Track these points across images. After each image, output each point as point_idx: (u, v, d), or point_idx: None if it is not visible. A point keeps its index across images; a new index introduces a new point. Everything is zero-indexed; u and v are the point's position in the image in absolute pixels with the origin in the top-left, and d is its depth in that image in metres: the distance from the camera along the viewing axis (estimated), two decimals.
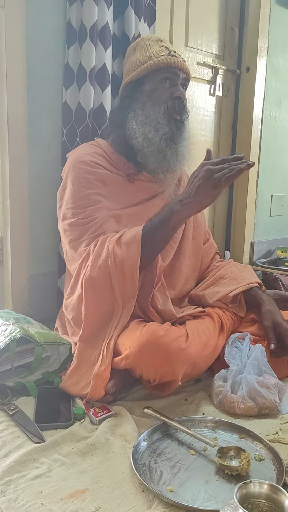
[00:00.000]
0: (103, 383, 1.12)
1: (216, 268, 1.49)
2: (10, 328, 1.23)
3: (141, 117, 1.30)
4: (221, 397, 1.15)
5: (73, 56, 1.56)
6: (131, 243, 1.16)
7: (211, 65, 2.22)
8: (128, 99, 1.35)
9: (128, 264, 1.15)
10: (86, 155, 1.33)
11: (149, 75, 1.32)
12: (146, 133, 1.29)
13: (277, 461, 0.92)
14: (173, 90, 1.32)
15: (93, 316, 1.19)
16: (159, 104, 1.30)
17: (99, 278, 1.17)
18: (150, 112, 1.30)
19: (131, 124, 1.31)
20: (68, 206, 1.29)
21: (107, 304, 1.18)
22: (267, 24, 2.35)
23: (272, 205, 2.65)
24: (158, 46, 1.34)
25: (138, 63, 1.34)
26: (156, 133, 1.29)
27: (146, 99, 1.32)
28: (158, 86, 1.32)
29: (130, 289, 1.17)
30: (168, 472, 0.90)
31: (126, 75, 1.39)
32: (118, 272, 1.16)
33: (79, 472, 0.89)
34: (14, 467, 0.89)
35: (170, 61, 1.31)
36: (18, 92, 1.51)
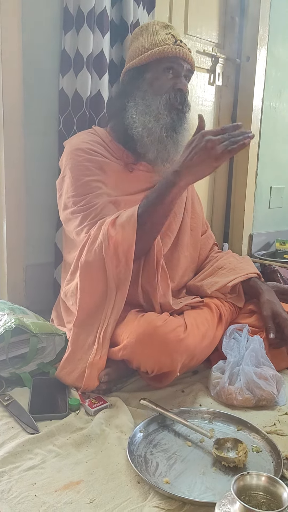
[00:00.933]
0: (98, 372, 1.10)
1: (215, 259, 1.48)
2: (5, 318, 1.22)
3: (142, 107, 1.27)
4: (219, 389, 1.14)
5: (70, 42, 1.53)
6: (126, 225, 1.11)
7: (210, 54, 2.19)
8: (128, 85, 1.32)
9: (123, 246, 1.11)
10: (83, 143, 1.30)
11: (152, 63, 1.28)
12: (146, 123, 1.27)
13: (275, 453, 0.91)
14: (176, 81, 1.29)
15: (88, 300, 1.15)
16: (161, 94, 1.27)
17: (94, 261, 1.13)
18: (151, 101, 1.27)
19: (130, 113, 1.29)
20: (68, 195, 1.27)
21: (101, 288, 1.14)
22: (268, 13, 2.32)
23: (271, 197, 2.64)
24: (164, 33, 1.30)
25: (143, 49, 1.29)
26: (156, 123, 1.27)
27: (147, 87, 1.29)
28: (160, 76, 1.28)
29: (123, 272, 1.12)
30: (164, 463, 0.89)
31: (129, 60, 1.35)
32: (112, 254, 1.11)
33: (73, 464, 0.88)
34: (8, 458, 0.88)
35: (175, 51, 1.27)
36: (14, 79, 1.48)
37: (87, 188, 1.24)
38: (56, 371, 1.17)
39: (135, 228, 1.10)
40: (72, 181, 1.26)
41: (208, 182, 2.38)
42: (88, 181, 1.25)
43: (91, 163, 1.27)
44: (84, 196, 1.24)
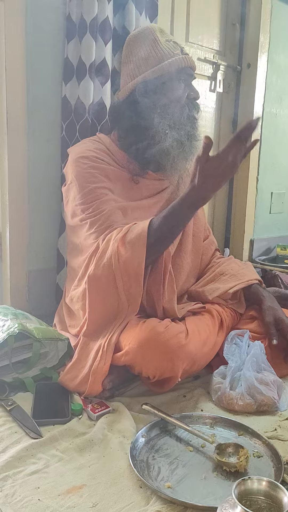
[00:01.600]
0: (101, 379, 1.11)
1: (216, 265, 1.48)
2: (8, 323, 1.23)
3: (168, 121, 1.29)
4: (220, 394, 1.15)
5: (73, 50, 1.55)
6: (136, 242, 1.13)
7: (211, 61, 2.21)
8: (143, 99, 1.30)
9: (133, 264, 1.13)
10: (88, 151, 1.31)
11: (165, 75, 1.30)
12: (176, 136, 1.29)
13: (276, 458, 0.92)
14: (190, 90, 1.33)
15: (98, 312, 1.18)
16: (180, 106, 1.31)
17: (103, 276, 1.16)
18: (174, 114, 1.30)
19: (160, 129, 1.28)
20: (76, 202, 1.28)
21: (112, 302, 1.17)
22: (269, 20, 2.34)
23: (272, 202, 2.65)
24: (165, 40, 1.31)
25: (152, 61, 1.29)
26: (185, 135, 1.30)
27: (166, 100, 1.30)
28: (176, 87, 1.31)
29: (135, 289, 1.15)
30: (166, 468, 0.90)
31: (136, 71, 1.32)
32: (122, 272, 1.14)
33: (76, 468, 0.89)
34: (12, 462, 0.89)
35: (186, 61, 1.30)
36: (17, 86, 1.50)
37: (94, 195, 1.26)
38: (60, 377, 1.18)
39: (144, 246, 1.12)
40: (79, 189, 1.27)
41: None
42: (94, 188, 1.26)
43: (97, 170, 1.28)
44: (91, 203, 1.25)
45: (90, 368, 1.12)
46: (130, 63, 1.34)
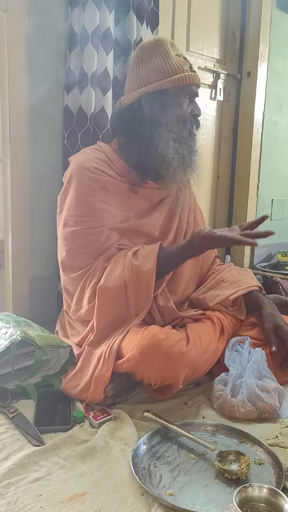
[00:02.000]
0: (103, 386, 1.12)
1: (216, 272, 1.49)
2: (10, 331, 1.23)
3: (172, 134, 1.31)
4: (221, 401, 1.15)
5: (74, 60, 1.57)
6: (148, 256, 1.21)
7: (212, 70, 2.23)
8: (149, 109, 1.31)
9: (144, 275, 1.18)
10: (89, 161, 1.32)
11: (172, 89, 1.31)
12: (179, 149, 1.31)
13: (277, 465, 0.92)
14: (193, 107, 1.35)
15: (105, 324, 1.20)
16: (183, 121, 1.33)
17: (114, 287, 1.19)
18: (177, 128, 1.32)
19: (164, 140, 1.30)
20: (70, 213, 1.29)
21: (120, 312, 1.20)
22: (268, 29, 2.36)
23: (272, 209, 2.66)
24: (175, 54, 1.32)
25: (162, 73, 1.30)
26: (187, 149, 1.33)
27: (170, 113, 1.32)
28: (181, 102, 1.33)
29: (144, 300, 1.19)
30: (168, 475, 0.90)
31: (144, 80, 1.32)
32: (134, 282, 1.18)
33: (78, 476, 0.90)
34: (14, 470, 0.90)
35: (193, 79, 1.32)
36: (20, 95, 1.51)
37: (91, 210, 1.27)
38: (62, 384, 1.18)
39: (155, 260, 1.20)
40: (76, 200, 1.28)
41: (210, 195, 2.41)
42: (92, 202, 1.28)
43: (96, 183, 1.29)
44: (87, 217, 1.27)
45: (92, 375, 1.12)
46: (139, 71, 1.34)
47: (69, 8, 1.55)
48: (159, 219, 1.38)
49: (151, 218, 1.36)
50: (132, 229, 1.32)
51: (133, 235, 1.31)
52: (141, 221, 1.34)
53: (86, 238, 1.27)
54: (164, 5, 1.93)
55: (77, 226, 1.27)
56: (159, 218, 1.38)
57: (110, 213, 1.29)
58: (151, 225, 1.35)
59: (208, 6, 2.17)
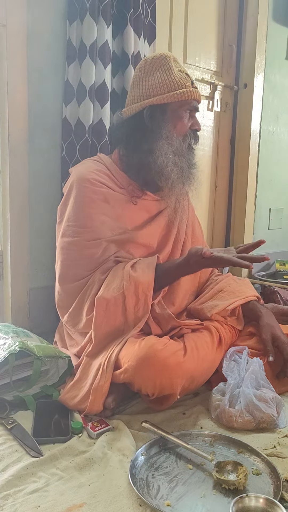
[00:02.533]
0: (102, 397, 1.12)
1: (214, 282, 1.50)
2: (9, 341, 1.24)
3: (172, 147, 1.33)
4: (219, 411, 1.15)
5: (73, 73, 1.59)
6: (146, 269, 1.23)
7: (209, 82, 2.26)
8: (150, 122, 1.34)
9: (143, 285, 1.20)
10: (90, 173, 1.33)
11: (174, 103, 1.33)
12: (178, 162, 1.34)
13: (275, 475, 0.92)
14: (193, 122, 1.38)
15: (103, 334, 1.21)
16: (183, 134, 1.35)
17: (113, 298, 1.20)
18: (177, 142, 1.34)
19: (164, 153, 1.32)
20: (69, 223, 1.31)
21: (118, 323, 1.21)
22: (264, 41, 2.39)
23: (270, 218, 2.67)
24: (177, 70, 1.35)
25: (164, 87, 1.32)
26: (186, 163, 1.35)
27: (171, 127, 1.34)
28: (182, 116, 1.35)
29: (142, 311, 1.20)
30: (166, 486, 0.90)
31: (147, 93, 1.34)
32: (133, 292, 1.20)
33: (76, 487, 0.90)
34: (12, 481, 0.90)
35: (195, 94, 1.35)
36: (19, 108, 1.53)
37: (90, 222, 1.29)
38: (60, 395, 1.18)
39: (153, 271, 1.23)
40: (75, 211, 1.30)
41: (208, 205, 2.43)
42: (91, 214, 1.29)
43: (96, 195, 1.30)
44: (86, 228, 1.28)
45: (91, 386, 1.13)
46: (142, 84, 1.36)
47: (67, 22, 1.58)
48: (157, 231, 1.39)
49: (149, 229, 1.37)
50: (130, 241, 1.33)
51: (131, 247, 1.32)
52: (139, 232, 1.35)
53: (83, 250, 1.28)
54: (161, 18, 1.96)
55: (75, 237, 1.29)
56: (157, 229, 1.39)
57: (108, 225, 1.31)
58: (149, 236, 1.36)
59: (204, 19, 2.20)
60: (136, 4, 1.65)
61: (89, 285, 1.27)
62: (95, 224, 1.29)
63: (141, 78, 1.37)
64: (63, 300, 1.34)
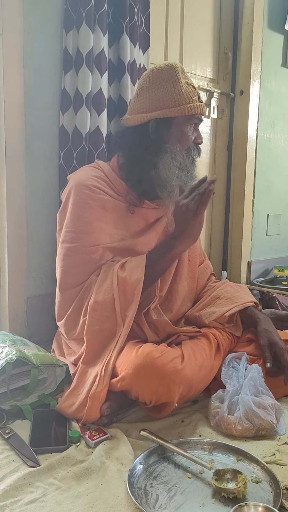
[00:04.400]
0: (99, 404, 1.11)
1: (212, 289, 1.50)
2: (6, 350, 1.23)
3: (176, 162, 1.33)
4: (218, 419, 1.14)
5: (69, 81, 1.60)
6: (135, 268, 1.23)
7: (205, 89, 2.27)
8: (155, 135, 1.33)
9: (131, 286, 1.20)
10: (88, 179, 1.33)
11: (180, 117, 1.33)
12: (182, 177, 1.34)
13: (274, 483, 0.91)
14: (197, 135, 1.38)
15: (96, 339, 1.20)
16: (186, 148, 1.36)
17: (103, 301, 1.20)
18: (181, 157, 1.34)
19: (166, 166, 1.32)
20: (67, 229, 1.31)
21: (109, 326, 1.20)
22: (260, 48, 2.41)
23: (268, 224, 2.68)
24: (185, 82, 1.34)
25: (172, 101, 1.32)
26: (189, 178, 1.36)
27: (176, 141, 1.34)
28: (186, 130, 1.35)
29: (130, 310, 1.20)
30: (164, 495, 0.89)
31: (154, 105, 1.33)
32: (121, 294, 1.19)
33: (74, 497, 0.89)
34: (9, 491, 0.89)
35: (201, 109, 1.35)
36: (16, 116, 1.54)
37: (88, 228, 1.29)
38: (58, 404, 1.18)
39: (143, 270, 1.22)
40: (73, 217, 1.30)
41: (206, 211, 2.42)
42: (89, 221, 1.29)
43: (94, 202, 1.30)
44: (84, 234, 1.28)
45: (88, 393, 1.12)
46: (149, 95, 1.35)
47: (64, 31, 1.59)
48: (154, 238, 1.39)
49: (147, 237, 1.37)
50: (127, 248, 1.33)
51: (128, 254, 1.32)
52: (136, 240, 1.35)
53: (81, 256, 1.28)
54: (158, 26, 1.98)
55: (74, 243, 1.29)
56: (154, 237, 1.39)
57: (106, 232, 1.31)
58: (146, 244, 1.36)
59: (200, 27, 2.21)
60: (131, 12, 1.67)
61: (86, 288, 1.27)
62: (93, 230, 1.29)
63: (148, 88, 1.36)
64: (62, 307, 1.33)
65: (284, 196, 2.75)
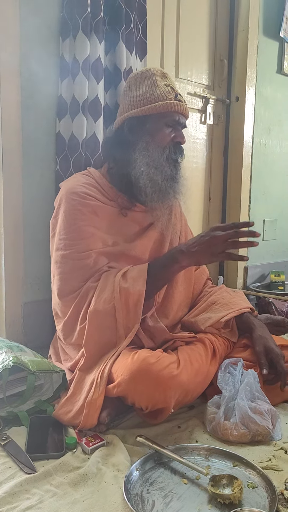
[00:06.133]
0: (96, 411, 1.11)
1: (208, 294, 1.50)
2: (2, 356, 1.23)
3: (147, 159, 1.33)
4: (214, 424, 1.15)
5: (66, 88, 1.61)
6: (137, 278, 1.22)
7: (201, 95, 2.29)
8: (130, 134, 1.35)
9: (133, 297, 1.19)
10: (78, 186, 1.34)
11: (154, 115, 1.34)
12: (151, 175, 1.33)
13: (270, 489, 0.92)
14: (176, 134, 1.36)
15: (95, 348, 1.20)
16: (162, 146, 1.34)
17: (104, 310, 1.20)
18: (154, 153, 1.33)
19: (137, 165, 1.33)
20: (60, 237, 1.31)
21: (108, 335, 1.20)
22: (255, 55, 2.43)
23: (264, 229, 2.69)
24: (163, 84, 1.35)
25: (145, 100, 1.34)
26: (160, 175, 1.34)
27: (150, 139, 1.34)
28: (162, 128, 1.35)
29: (132, 321, 1.20)
30: (161, 501, 0.89)
31: (129, 107, 1.37)
32: (123, 304, 1.19)
33: (70, 503, 0.89)
34: (5, 498, 0.89)
35: (176, 107, 1.34)
36: (13, 123, 1.55)
37: (80, 234, 1.29)
38: (54, 411, 1.18)
39: (145, 281, 1.21)
40: (65, 225, 1.31)
41: (202, 217, 2.44)
42: (81, 226, 1.30)
43: (85, 208, 1.31)
44: (77, 241, 1.29)
45: (84, 400, 1.12)
46: (126, 98, 1.39)
47: (60, 39, 1.60)
48: (148, 243, 1.39)
49: (140, 241, 1.38)
50: (121, 253, 1.33)
51: (122, 259, 1.32)
52: (130, 244, 1.35)
53: (76, 262, 1.28)
54: (153, 34, 1.99)
55: (67, 250, 1.29)
56: (148, 241, 1.39)
57: (98, 237, 1.31)
58: (139, 249, 1.36)
59: (196, 34, 2.23)
60: (127, 20, 1.68)
61: (83, 295, 1.26)
62: (85, 235, 1.29)
63: (126, 92, 1.41)
64: (61, 313, 1.33)
65: (280, 202, 2.77)
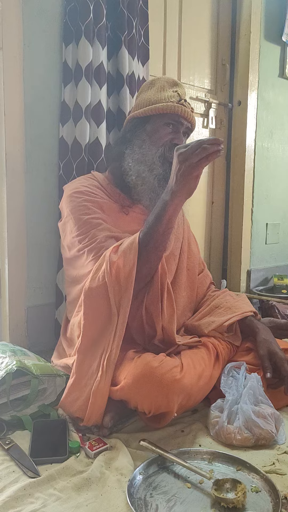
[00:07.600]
0: (102, 400, 1.10)
1: (211, 298, 1.50)
2: (6, 360, 1.24)
3: (137, 155, 1.34)
4: (218, 428, 1.14)
5: (69, 94, 1.62)
6: (128, 251, 1.15)
7: (203, 100, 2.30)
8: (129, 133, 1.40)
9: (124, 271, 1.14)
10: (82, 186, 1.37)
11: (154, 116, 1.36)
12: (140, 172, 1.33)
13: (274, 493, 0.91)
14: (174, 136, 1.36)
15: (92, 326, 1.16)
16: (157, 146, 1.35)
17: (98, 287, 1.15)
18: (147, 151, 1.34)
19: (127, 161, 1.36)
20: (73, 235, 1.32)
21: (104, 314, 1.16)
22: (257, 60, 2.44)
23: (267, 233, 2.69)
24: (172, 90, 1.37)
25: (148, 101, 1.37)
26: (150, 173, 1.33)
27: (146, 137, 1.36)
28: (160, 129, 1.36)
29: (124, 297, 1.14)
30: (164, 506, 0.89)
31: (134, 109, 1.43)
32: (114, 279, 1.14)
33: (74, 507, 0.89)
34: (9, 502, 0.89)
35: (177, 109, 1.34)
36: (16, 128, 1.56)
37: (90, 225, 1.30)
38: (61, 399, 1.17)
39: (136, 253, 1.14)
40: (75, 222, 1.31)
41: (205, 221, 2.44)
42: (89, 219, 1.30)
43: (90, 203, 1.33)
44: (87, 233, 1.29)
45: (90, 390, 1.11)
46: (134, 103, 1.45)
47: (63, 45, 1.61)
48: None
49: None
50: None
51: None
52: None
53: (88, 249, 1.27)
54: (155, 39, 2.00)
55: (81, 243, 1.30)
56: None
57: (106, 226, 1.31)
58: None
59: (198, 39, 2.24)
60: (130, 26, 1.69)
61: None
62: (95, 226, 1.29)
63: (136, 97, 1.47)
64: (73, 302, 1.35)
65: (282, 205, 2.77)
